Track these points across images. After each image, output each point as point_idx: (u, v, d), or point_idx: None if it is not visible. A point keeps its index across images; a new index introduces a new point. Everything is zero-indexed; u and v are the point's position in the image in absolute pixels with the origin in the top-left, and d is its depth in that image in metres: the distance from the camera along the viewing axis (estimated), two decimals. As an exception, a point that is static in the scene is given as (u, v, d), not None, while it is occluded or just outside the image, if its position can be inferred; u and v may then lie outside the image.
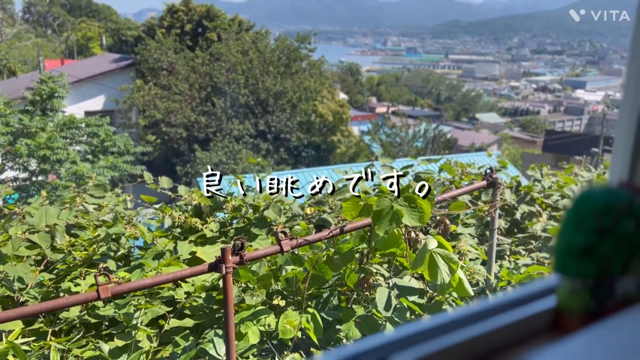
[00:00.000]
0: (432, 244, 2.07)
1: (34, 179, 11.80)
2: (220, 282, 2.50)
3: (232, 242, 2.47)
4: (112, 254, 3.06)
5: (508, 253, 3.45)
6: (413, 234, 2.36)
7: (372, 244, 2.38)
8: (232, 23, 23.90)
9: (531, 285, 0.46)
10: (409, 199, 2.17)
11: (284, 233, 2.08)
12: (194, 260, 2.90)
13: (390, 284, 2.24)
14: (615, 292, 0.41)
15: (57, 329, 2.34)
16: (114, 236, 2.96)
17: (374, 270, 2.34)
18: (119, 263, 3.04)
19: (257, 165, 18.85)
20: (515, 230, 3.88)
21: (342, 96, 30.19)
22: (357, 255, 2.51)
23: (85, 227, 3.22)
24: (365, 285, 2.35)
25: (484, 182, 2.51)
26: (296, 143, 21.83)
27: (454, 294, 2.34)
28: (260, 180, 3.96)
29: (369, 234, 2.37)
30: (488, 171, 2.53)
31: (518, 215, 3.89)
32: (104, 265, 2.75)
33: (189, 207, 3.55)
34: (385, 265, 2.62)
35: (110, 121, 13.47)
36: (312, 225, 3.67)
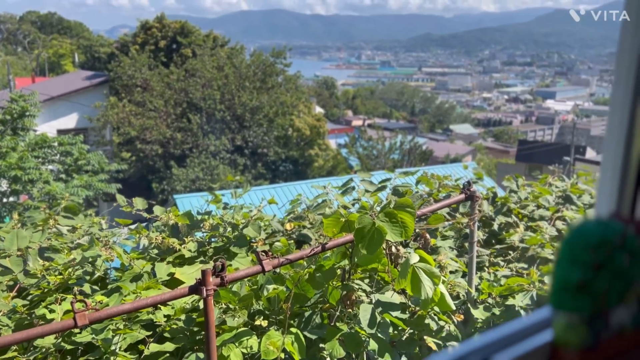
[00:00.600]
0: (414, 258, 2.07)
1: (5, 200, 11.50)
2: (201, 304, 2.46)
3: (213, 264, 2.43)
4: (87, 277, 2.99)
5: (487, 264, 3.48)
6: (394, 249, 2.36)
7: (354, 260, 2.37)
8: (206, 39, 23.88)
9: (527, 318, 0.45)
10: (389, 214, 2.17)
11: (265, 252, 2.06)
12: (172, 281, 2.85)
13: (373, 300, 2.23)
14: (610, 323, 0.41)
15: (32, 358, 2.26)
16: (90, 259, 2.89)
17: (357, 287, 2.33)
18: (95, 286, 2.97)
19: (235, 181, 18.78)
20: (493, 241, 3.92)
21: (319, 110, 30.34)
22: (339, 271, 2.50)
23: (59, 249, 3.14)
24: (348, 302, 2.33)
25: (462, 196, 2.53)
26: (274, 158, 21.80)
27: (436, 308, 2.34)
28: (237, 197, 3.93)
29: (350, 250, 2.36)
30: (466, 185, 2.55)
31: (495, 227, 3.93)
32: (80, 289, 2.68)
33: (166, 227, 3.50)
34: (367, 281, 2.62)
35: (83, 139, 13.26)
36: (292, 242, 3.65)
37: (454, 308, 2.28)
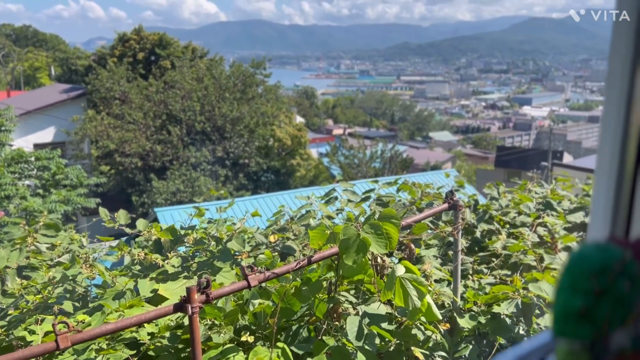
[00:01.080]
0: (400, 270, 2.07)
1: (-21, 217, 11.22)
2: (186, 320, 2.42)
3: (197, 280, 2.39)
4: (68, 295, 2.92)
5: (471, 272, 3.50)
6: (380, 260, 2.36)
7: (340, 272, 2.37)
8: (185, 50, 23.79)
9: (528, 344, 0.46)
10: (374, 226, 2.17)
11: (251, 267, 2.04)
12: (156, 297, 2.80)
13: (360, 312, 2.23)
14: (610, 347, 0.42)
15: (11, 381, 2.20)
16: (70, 277, 2.83)
17: (343, 299, 2.33)
18: (77, 304, 2.91)
19: (219, 194, 18.67)
20: (476, 248, 3.94)
21: (299, 119, 30.38)
22: (325, 284, 2.49)
23: (38, 267, 3.07)
24: (335, 314, 2.32)
25: (446, 205, 2.55)
26: (255, 168, 21.72)
27: (423, 318, 2.34)
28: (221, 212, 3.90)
29: (336, 262, 2.35)
30: (449, 194, 2.57)
31: (478, 234, 3.96)
32: (60, 308, 2.62)
33: (149, 242, 3.45)
34: (353, 292, 2.61)
35: (61, 153, 13.05)
36: (276, 254, 3.63)
37: (441, 318, 2.29)
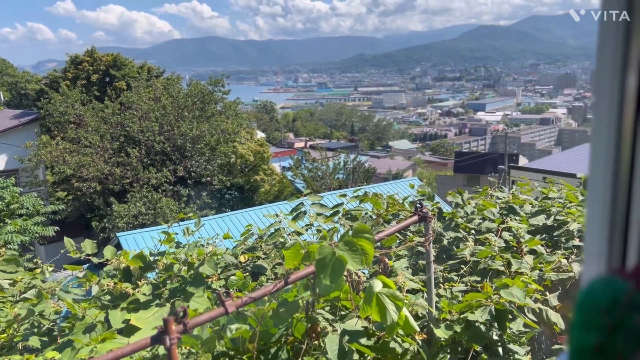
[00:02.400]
0: (378, 286, 2.09)
1: None
2: (161, 349, 2.37)
3: (172, 309, 2.35)
4: (35, 329, 2.82)
5: (442, 280, 3.55)
6: (355, 276, 2.38)
7: (317, 291, 2.37)
8: (141, 70, 23.43)
9: None
10: (349, 242, 2.19)
11: (227, 293, 2.02)
12: (129, 327, 2.73)
13: (339, 330, 2.23)
14: None
15: None
16: (36, 313, 2.73)
17: (321, 318, 2.33)
18: (44, 339, 2.80)
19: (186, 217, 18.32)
20: (445, 256, 4.01)
21: (260, 134, 30.30)
22: (301, 303, 2.49)
23: (1, 305, 2.94)
24: (314, 334, 2.32)
25: (416, 217, 2.59)
26: (218, 186, 21.48)
27: (400, 331, 2.37)
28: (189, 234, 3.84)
29: (312, 281, 2.35)
30: (418, 206, 2.62)
31: (445, 242, 4.02)
32: (26, 344, 2.52)
33: (117, 270, 3.36)
34: (328, 308, 2.61)
35: (15, 181, 12.57)
36: (248, 274, 3.60)
37: (418, 329, 2.32)
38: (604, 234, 0.47)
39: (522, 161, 41.25)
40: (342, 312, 2.61)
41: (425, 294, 2.82)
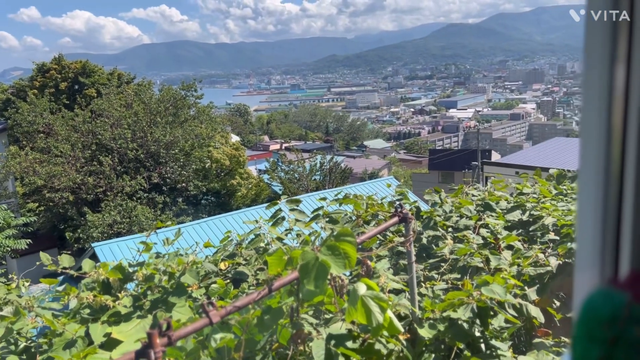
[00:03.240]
0: (362, 289, 2.10)
1: None
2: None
3: (155, 321, 2.32)
4: (12, 347, 2.75)
5: (422, 279, 3.59)
6: (339, 280, 2.39)
7: (300, 296, 2.37)
8: (111, 77, 23.06)
9: None
10: (332, 247, 2.20)
11: (211, 303, 2.01)
12: (110, 342, 2.69)
13: (324, 335, 2.24)
14: None
15: None
16: (14, 332, 2.66)
17: (306, 324, 2.33)
18: (23, 357, 2.73)
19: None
20: (424, 254, 4.05)
21: (235, 138, 30.12)
22: (285, 309, 2.48)
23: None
24: (299, 340, 2.32)
25: (396, 219, 2.61)
26: (194, 192, 21.27)
27: (385, 333, 2.38)
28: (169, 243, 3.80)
29: (295, 287, 2.35)
30: (398, 207, 2.64)
31: (425, 241, 4.06)
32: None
33: (96, 283, 3.30)
34: (311, 312, 2.62)
35: (-17, 195, 12.24)
36: (229, 282, 3.58)
37: (403, 330, 2.34)
38: (596, 241, 0.48)
39: (495, 156, 42.00)
40: (327, 316, 2.61)
41: (407, 294, 2.85)
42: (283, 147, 60.49)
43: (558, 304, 3.07)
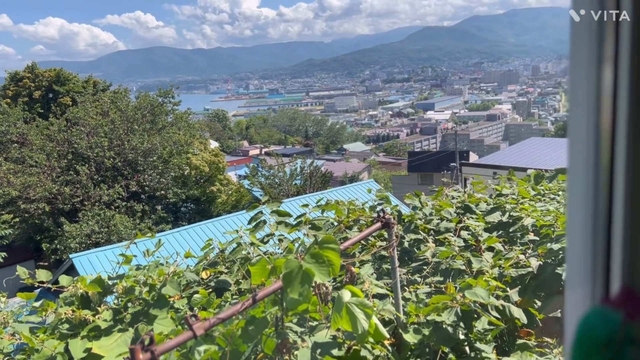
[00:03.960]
0: (347, 296, 2.10)
1: None
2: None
3: (136, 336, 2.28)
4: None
5: (406, 283, 3.59)
6: (323, 288, 2.38)
7: (285, 305, 2.35)
8: (86, 85, 22.71)
9: None
10: (315, 255, 2.19)
11: (194, 316, 1.98)
12: (90, 357, 2.63)
13: (309, 343, 2.23)
14: None
15: None
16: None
17: (291, 333, 2.31)
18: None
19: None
20: (407, 258, 4.06)
21: (214, 144, 29.92)
22: (269, 318, 2.46)
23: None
24: (284, 350, 2.30)
25: (379, 224, 2.62)
26: (174, 199, 21.05)
27: (370, 339, 2.38)
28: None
29: (279, 296, 2.34)
30: (381, 213, 2.65)
31: (406, 244, 4.08)
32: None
33: (75, 297, 3.23)
34: (296, 320, 2.60)
35: (-45, 208, 11.93)
36: (211, 291, 3.54)
37: (388, 336, 2.34)
38: (587, 257, 0.48)
39: (473, 157, 42.49)
40: (312, 323, 2.60)
41: (392, 299, 2.85)
42: (263, 152, 60.33)
43: (539, 303, 3.10)
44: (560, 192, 4.82)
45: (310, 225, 3.61)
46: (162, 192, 20.84)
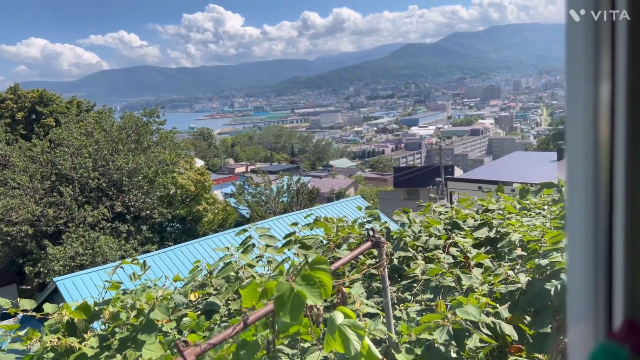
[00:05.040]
0: (339, 318, 2.08)
1: None
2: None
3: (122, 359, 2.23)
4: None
5: (396, 301, 3.58)
6: (315, 309, 2.36)
7: (276, 328, 2.33)
8: (70, 105, 22.54)
9: None
10: (306, 276, 2.18)
11: (185, 342, 1.95)
12: (77, 386, 2.57)
13: (302, 366, 2.20)
14: None
15: None
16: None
17: (284, 356, 2.29)
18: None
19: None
20: (396, 275, 4.05)
21: (200, 162, 29.79)
22: (261, 342, 2.44)
23: None
24: (277, 373, 2.27)
25: (369, 244, 2.62)
26: (159, 219, 20.83)
27: (363, 360, 2.36)
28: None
29: (271, 319, 2.31)
30: (371, 232, 2.65)
31: (396, 262, 4.07)
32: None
33: (60, 324, 3.17)
34: (287, 342, 2.57)
35: None
36: (200, 313, 3.50)
37: (381, 357, 2.32)
38: (589, 291, 0.48)
39: (457, 172, 42.84)
40: (303, 345, 2.57)
41: (382, 318, 2.84)
42: (249, 170, 60.20)
43: (529, 319, 3.11)
44: (545, 207, 4.87)
45: (299, 244, 3.60)
46: (148, 212, 20.64)
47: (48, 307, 3.15)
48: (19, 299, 3.12)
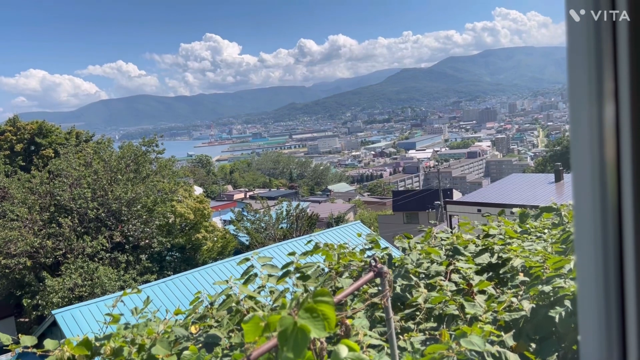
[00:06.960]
0: (343, 351, 2.07)
1: None
2: None
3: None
4: None
5: (399, 330, 3.55)
6: (318, 343, 2.34)
7: (280, 362, 2.31)
8: (68, 136, 22.65)
9: None
10: (309, 309, 2.16)
11: (190, 379, 1.94)
12: None
13: (307, 402, 2.17)
14: None
15: None
16: None
17: (288, 392, 2.26)
18: None
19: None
20: (399, 303, 4.02)
21: (198, 190, 29.78)
22: (264, 377, 2.41)
23: None
24: (281, 409, 2.24)
25: (372, 274, 2.61)
26: (158, 248, 20.72)
27: (368, 394, 2.34)
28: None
29: (274, 354, 2.29)
30: (373, 262, 2.64)
31: (398, 289, 4.04)
32: None
33: (61, 361, 3.13)
34: (291, 375, 2.54)
35: None
36: (202, 347, 3.46)
37: (386, 390, 2.29)
38: (602, 338, 0.48)
39: (456, 195, 42.82)
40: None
41: (387, 349, 2.81)
42: (247, 196, 60.16)
43: (534, 346, 3.09)
44: (545, 230, 4.87)
45: (298, 274, 3.59)
46: (147, 241, 20.55)
47: (49, 344, 3.12)
48: (20, 335, 3.09)
